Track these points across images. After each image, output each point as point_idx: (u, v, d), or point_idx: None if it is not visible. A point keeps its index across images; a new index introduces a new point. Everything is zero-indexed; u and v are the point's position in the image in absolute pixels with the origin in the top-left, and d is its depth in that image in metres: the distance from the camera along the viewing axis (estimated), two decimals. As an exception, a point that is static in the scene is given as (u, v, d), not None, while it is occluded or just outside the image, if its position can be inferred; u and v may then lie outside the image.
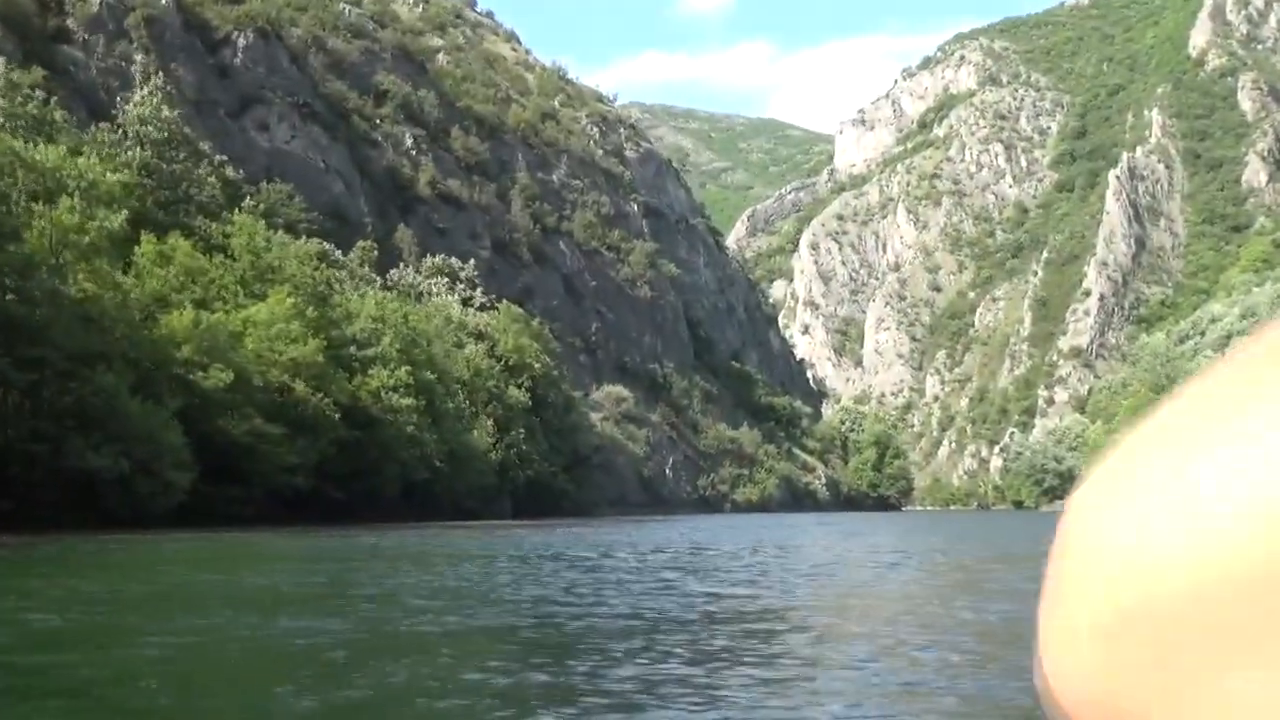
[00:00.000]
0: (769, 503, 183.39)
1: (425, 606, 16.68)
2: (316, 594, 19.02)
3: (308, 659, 11.77)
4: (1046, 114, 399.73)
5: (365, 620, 15.15)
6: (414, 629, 14.31)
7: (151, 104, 74.76)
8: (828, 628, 14.70)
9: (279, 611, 16.00)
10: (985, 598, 18.68)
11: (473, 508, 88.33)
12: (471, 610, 16.26)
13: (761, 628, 14.39)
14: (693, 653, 11.89)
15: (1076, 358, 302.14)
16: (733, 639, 13.01)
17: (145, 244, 62.47)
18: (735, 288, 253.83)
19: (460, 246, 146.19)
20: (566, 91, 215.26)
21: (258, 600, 17.92)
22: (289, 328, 61.68)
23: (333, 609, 16.56)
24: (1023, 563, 30.47)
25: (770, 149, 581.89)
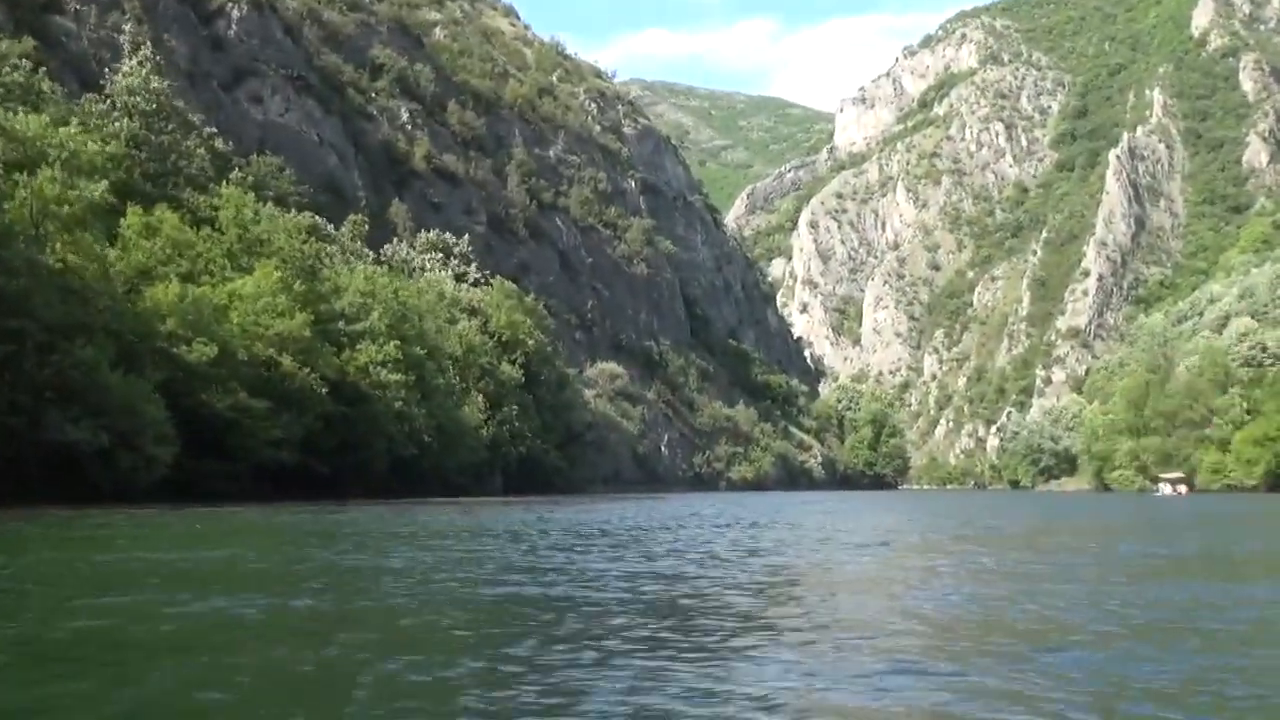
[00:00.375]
0: (765, 481, 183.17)
1: (353, 586, 16.13)
2: (255, 572, 18.43)
3: (205, 639, 11.23)
4: (1047, 93, 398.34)
5: (283, 599, 14.59)
6: (338, 609, 13.76)
7: (140, 75, 73.82)
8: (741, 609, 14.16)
9: (209, 590, 15.43)
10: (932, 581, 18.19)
11: (463, 484, 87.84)
12: (378, 593, 15.69)
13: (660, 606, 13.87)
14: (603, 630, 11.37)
15: (1074, 338, 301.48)
16: (644, 619, 12.48)
17: (131, 216, 61.71)
18: (733, 265, 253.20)
19: (456, 222, 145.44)
20: (565, 67, 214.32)
21: (192, 577, 17.37)
22: (275, 301, 60.96)
23: (256, 587, 15.99)
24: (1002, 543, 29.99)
25: (771, 127, 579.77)
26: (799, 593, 16.39)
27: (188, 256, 64.32)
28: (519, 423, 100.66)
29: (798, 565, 21.17)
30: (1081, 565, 21.34)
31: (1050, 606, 13.86)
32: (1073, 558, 23.77)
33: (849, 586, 17.23)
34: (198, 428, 53.83)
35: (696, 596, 15.07)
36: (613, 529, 33.39)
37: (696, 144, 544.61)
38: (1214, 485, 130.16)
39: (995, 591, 16.00)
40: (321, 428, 63.23)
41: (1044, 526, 40.66)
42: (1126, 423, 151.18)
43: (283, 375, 60.66)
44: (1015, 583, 17.24)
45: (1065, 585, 16.79)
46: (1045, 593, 15.55)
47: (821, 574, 19.53)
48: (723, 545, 25.67)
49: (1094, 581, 17.51)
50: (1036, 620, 12.75)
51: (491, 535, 29.79)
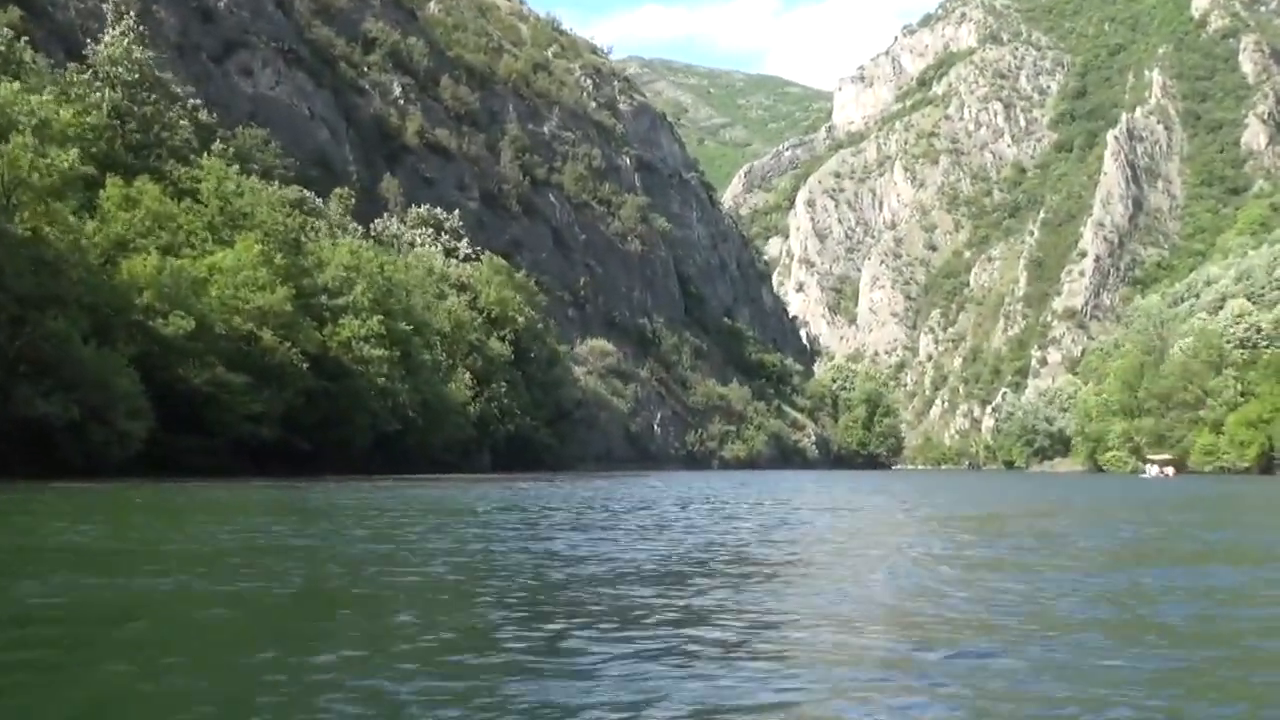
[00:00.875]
0: (758, 460, 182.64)
1: (274, 568, 15.40)
2: (189, 551, 17.71)
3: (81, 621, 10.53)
4: (1046, 73, 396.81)
5: (194, 579, 13.89)
6: (255, 591, 13.05)
7: (122, 45, 72.83)
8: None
9: (135, 569, 14.74)
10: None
11: (451, 461, 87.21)
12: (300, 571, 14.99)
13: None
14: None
15: (1071, 318, 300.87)
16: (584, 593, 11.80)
17: (110, 187, 60.90)
18: (728, 244, 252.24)
19: (448, 197, 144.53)
20: (560, 43, 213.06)
21: (114, 555, 16.69)
22: (256, 275, 60.15)
23: (172, 567, 15.27)
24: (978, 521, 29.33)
25: (770, 105, 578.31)
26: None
27: (169, 229, 63.53)
28: (508, 400, 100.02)
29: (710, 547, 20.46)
30: (1006, 552, 20.58)
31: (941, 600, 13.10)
32: (987, 542, 23.05)
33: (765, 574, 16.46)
34: (174, 402, 53.17)
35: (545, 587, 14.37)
36: (541, 509, 32.68)
37: (695, 122, 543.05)
38: (1207, 467, 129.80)
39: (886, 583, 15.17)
40: (303, 403, 62.55)
41: (1008, 508, 39.96)
42: (1120, 404, 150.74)
43: (263, 350, 59.95)
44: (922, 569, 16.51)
45: (969, 573, 16.02)
46: (946, 580, 14.83)
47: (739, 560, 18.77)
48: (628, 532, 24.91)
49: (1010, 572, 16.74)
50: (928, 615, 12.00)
51: (436, 513, 29.13)
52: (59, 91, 66.48)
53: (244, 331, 59.49)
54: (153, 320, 52.27)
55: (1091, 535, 23.87)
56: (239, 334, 58.87)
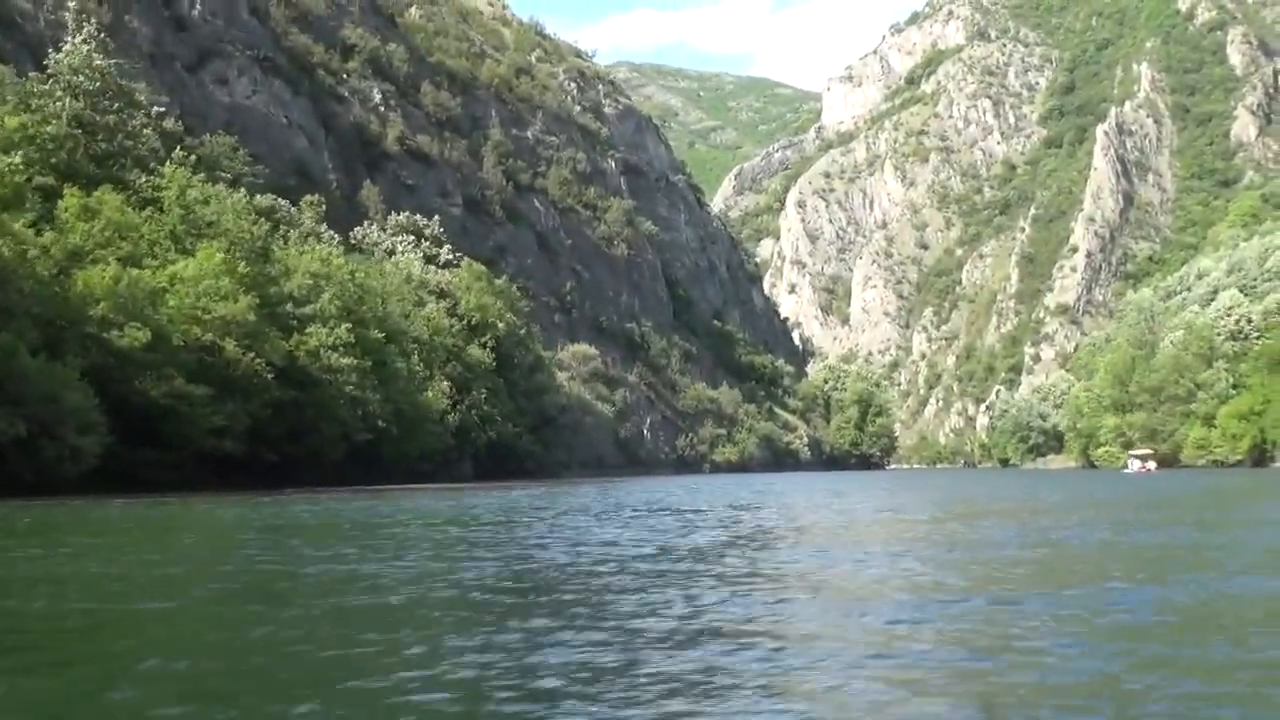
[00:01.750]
0: (749, 462, 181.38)
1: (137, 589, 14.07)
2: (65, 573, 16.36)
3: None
4: (1035, 69, 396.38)
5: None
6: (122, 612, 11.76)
7: (83, 53, 71.45)
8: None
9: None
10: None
11: (430, 470, 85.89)
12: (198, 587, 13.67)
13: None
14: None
15: (1063, 314, 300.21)
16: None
17: (68, 197, 59.57)
18: (717, 246, 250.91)
19: (430, 204, 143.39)
20: (544, 47, 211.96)
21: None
22: (218, 284, 58.79)
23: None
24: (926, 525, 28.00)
25: (760, 108, 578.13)
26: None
27: (130, 239, 62.23)
28: (489, 407, 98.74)
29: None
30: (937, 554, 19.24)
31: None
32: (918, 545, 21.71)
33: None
34: (130, 416, 51.83)
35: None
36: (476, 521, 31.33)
37: (685, 125, 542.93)
38: (1200, 461, 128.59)
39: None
40: (269, 415, 61.15)
41: (958, 508, 38.59)
42: (1111, 399, 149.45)
43: (226, 361, 58.57)
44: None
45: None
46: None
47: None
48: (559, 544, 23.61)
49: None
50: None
51: (371, 527, 27.76)
52: (17, 101, 65.27)
53: (205, 342, 58.11)
54: (107, 332, 50.84)
55: (985, 544, 22.14)
56: (200, 345, 57.49)
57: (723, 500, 45.12)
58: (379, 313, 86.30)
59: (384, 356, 76.03)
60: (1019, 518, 30.96)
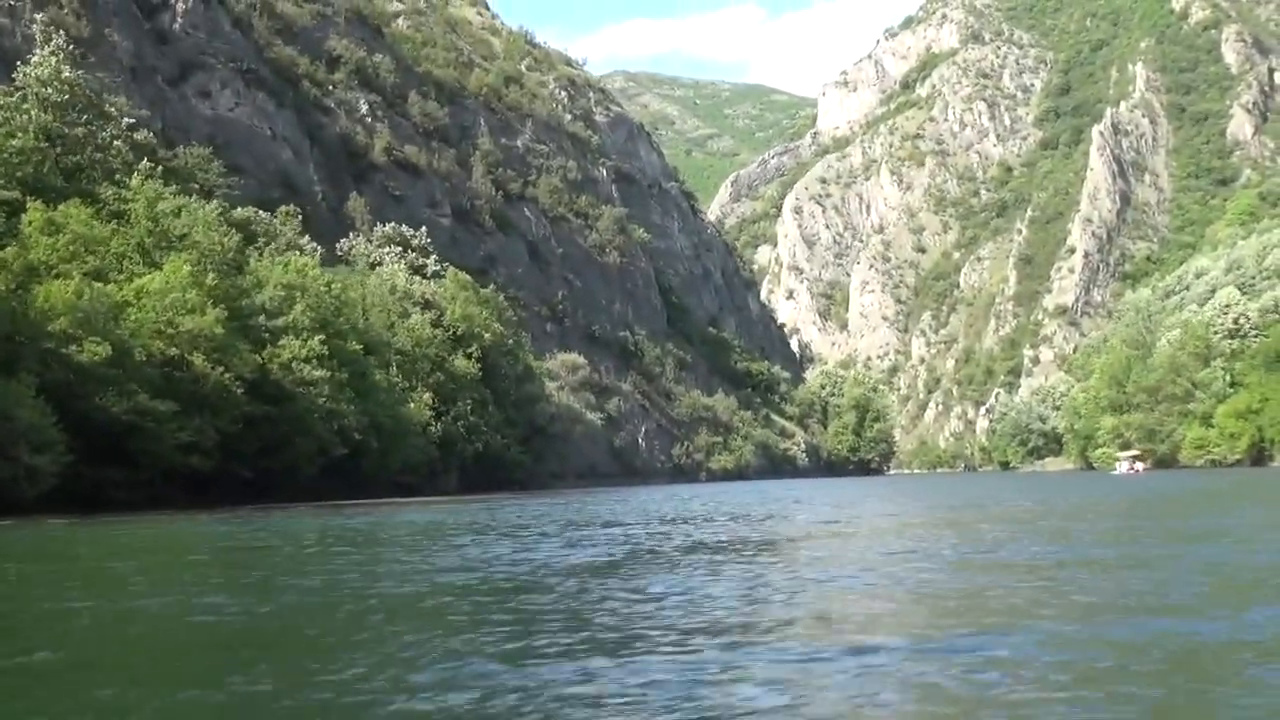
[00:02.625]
0: (746, 470, 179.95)
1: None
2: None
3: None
4: (1030, 71, 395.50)
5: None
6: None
7: (50, 65, 70.21)
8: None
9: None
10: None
11: (415, 483, 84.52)
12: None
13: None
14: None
15: (1062, 316, 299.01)
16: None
17: (31, 211, 58.36)
18: (712, 253, 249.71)
19: (419, 215, 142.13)
20: (534, 56, 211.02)
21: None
22: (185, 297, 57.46)
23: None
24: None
25: (756, 115, 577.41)
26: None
27: (98, 253, 61.00)
28: (475, 417, 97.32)
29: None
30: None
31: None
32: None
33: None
34: (92, 433, 50.42)
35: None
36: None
37: (682, 134, 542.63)
38: (1199, 461, 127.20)
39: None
40: (241, 430, 59.78)
41: (917, 515, 37.31)
42: (1109, 400, 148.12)
43: (195, 375, 57.22)
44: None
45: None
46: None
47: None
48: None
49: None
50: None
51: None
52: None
53: (173, 356, 56.79)
54: (66, 348, 49.50)
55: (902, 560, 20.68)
56: (166, 359, 56.16)
57: (673, 510, 43.93)
58: (359, 324, 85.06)
59: (362, 368, 74.66)
60: (974, 528, 29.75)
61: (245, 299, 65.61)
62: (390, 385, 79.58)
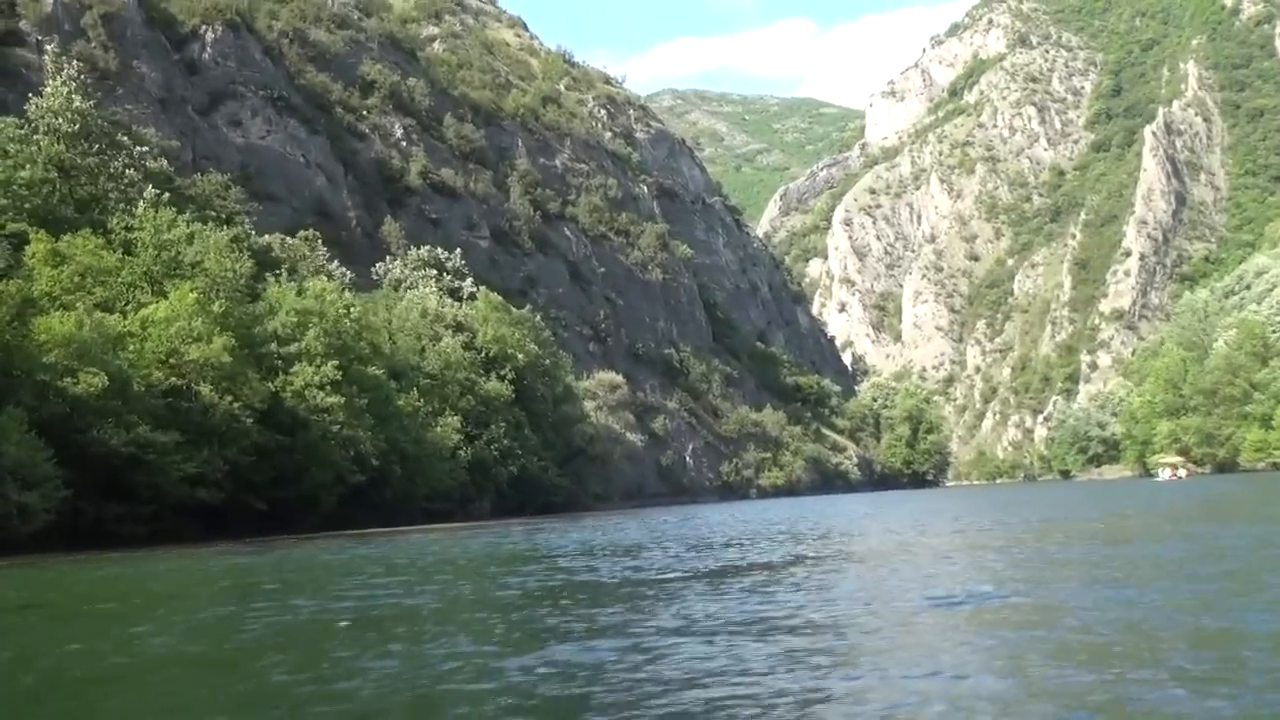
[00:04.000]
0: (797, 486, 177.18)
1: None
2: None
3: None
4: (1079, 74, 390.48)
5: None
6: None
7: (61, 95, 69.30)
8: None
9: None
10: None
11: (446, 509, 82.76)
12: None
13: None
14: None
15: (1119, 320, 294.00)
16: None
17: (35, 242, 57.24)
18: (759, 267, 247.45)
19: (456, 237, 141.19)
20: (572, 75, 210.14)
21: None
22: (191, 326, 56.00)
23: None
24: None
25: (805, 128, 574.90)
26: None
27: (107, 283, 59.81)
28: (509, 440, 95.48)
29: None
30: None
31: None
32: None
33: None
34: (91, 467, 48.99)
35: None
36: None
37: (731, 149, 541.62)
38: (1259, 464, 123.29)
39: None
40: (253, 460, 58.23)
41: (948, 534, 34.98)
42: (1165, 404, 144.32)
43: (204, 406, 55.75)
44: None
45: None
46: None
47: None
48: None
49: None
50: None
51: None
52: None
53: (178, 386, 55.37)
54: (60, 380, 48.10)
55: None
56: (171, 389, 54.73)
57: (699, 535, 41.82)
58: (386, 348, 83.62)
59: (383, 393, 73.02)
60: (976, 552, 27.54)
61: (258, 326, 64.16)
62: (414, 410, 77.83)
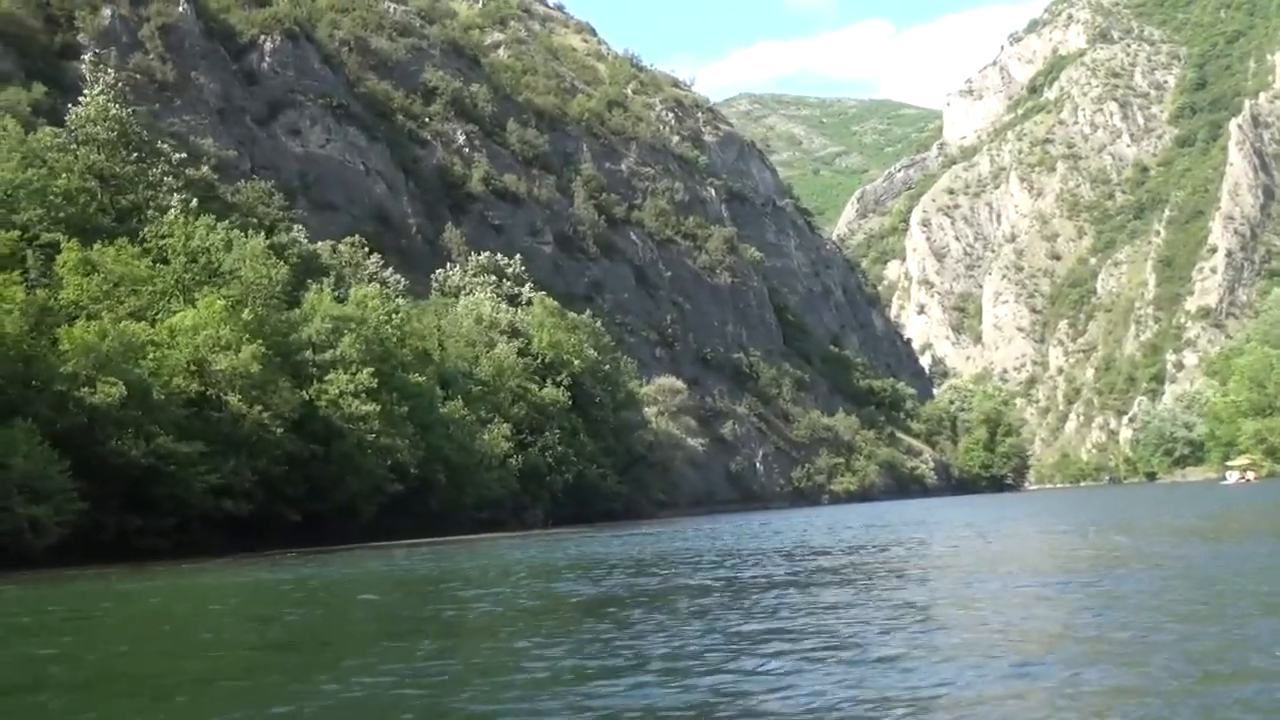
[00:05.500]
0: (871, 491, 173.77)
1: None
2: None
3: None
4: (1162, 67, 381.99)
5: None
6: None
7: (99, 104, 68.77)
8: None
9: None
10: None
11: (499, 518, 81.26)
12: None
13: None
14: None
15: (1205, 318, 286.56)
16: None
17: (65, 251, 56.54)
18: (832, 270, 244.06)
19: (519, 243, 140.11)
20: (639, 79, 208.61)
21: None
22: (219, 334, 54.86)
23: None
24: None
25: (884, 130, 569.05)
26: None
27: (139, 292, 58.99)
28: (563, 447, 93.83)
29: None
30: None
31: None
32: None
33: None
34: (110, 479, 47.96)
35: None
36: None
37: (809, 153, 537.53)
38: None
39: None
40: (285, 471, 56.97)
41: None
42: (1250, 403, 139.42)
43: (232, 415, 54.60)
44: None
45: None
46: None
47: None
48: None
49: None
50: None
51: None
52: (20, 156, 62.67)
53: (207, 396, 54.31)
54: (78, 390, 47.06)
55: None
56: (197, 399, 53.63)
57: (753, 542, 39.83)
58: (435, 355, 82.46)
59: (427, 400, 71.56)
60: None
61: (294, 333, 62.99)
62: (460, 417, 76.26)
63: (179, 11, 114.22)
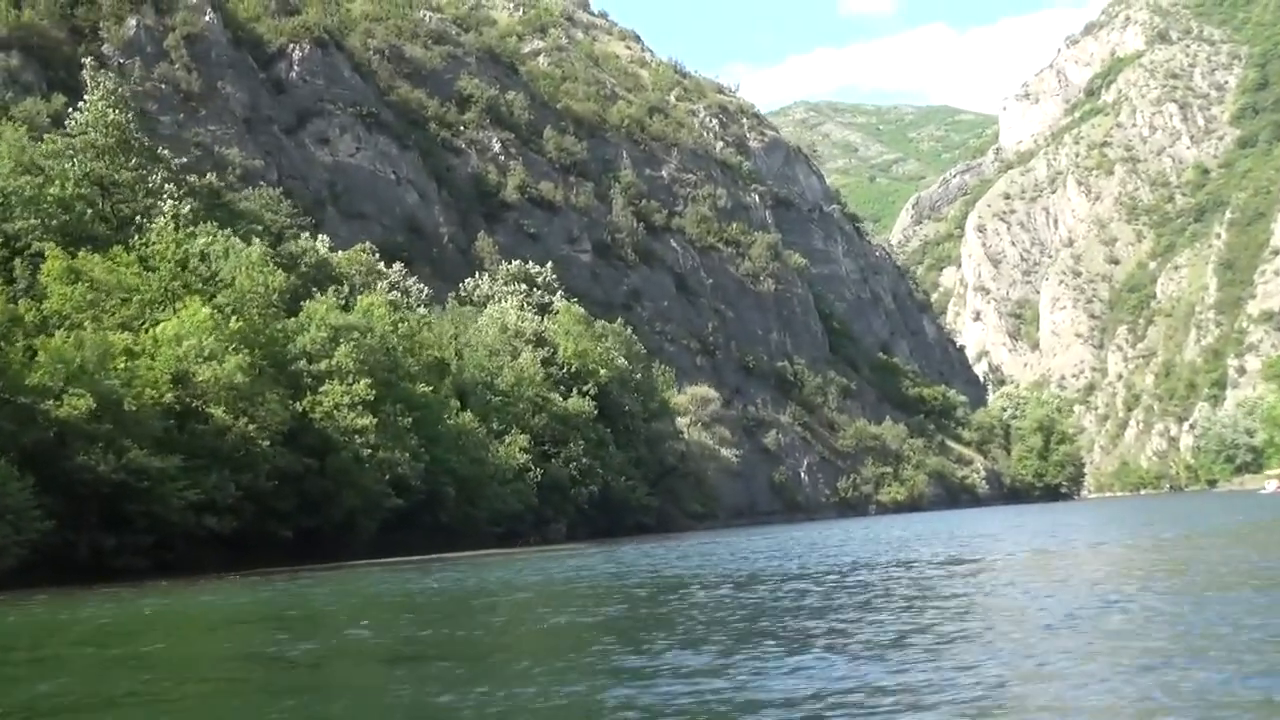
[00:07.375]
0: (920, 501, 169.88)
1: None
2: None
3: None
4: (1223, 68, 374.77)
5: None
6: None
7: (98, 109, 67.16)
8: None
9: None
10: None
11: (512, 531, 78.70)
12: None
13: None
14: None
15: (1268, 322, 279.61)
16: None
17: (50, 260, 54.77)
18: (881, 276, 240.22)
19: (556, 251, 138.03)
20: (683, 85, 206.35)
21: None
22: (202, 344, 52.77)
23: None
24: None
25: (941, 136, 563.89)
26: None
27: (128, 301, 57.14)
28: (589, 459, 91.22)
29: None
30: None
31: None
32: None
33: None
34: (80, 496, 45.92)
35: None
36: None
37: (865, 160, 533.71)
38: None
39: None
40: (274, 486, 54.72)
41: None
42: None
43: (217, 428, 52.46)
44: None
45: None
46: None
47: None
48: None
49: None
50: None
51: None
52: (14, 164, 61.10)
53: (192, 407, 52.21)
54: (43, 403, 45.04)
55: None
56: (179, 410, 51.52)
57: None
58: (453, 365, 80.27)
59: (433, 412, 69.21)
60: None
61: (289, 342, 60.86)
62: (472, 429, 73.81)
63: (205, 21, 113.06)
